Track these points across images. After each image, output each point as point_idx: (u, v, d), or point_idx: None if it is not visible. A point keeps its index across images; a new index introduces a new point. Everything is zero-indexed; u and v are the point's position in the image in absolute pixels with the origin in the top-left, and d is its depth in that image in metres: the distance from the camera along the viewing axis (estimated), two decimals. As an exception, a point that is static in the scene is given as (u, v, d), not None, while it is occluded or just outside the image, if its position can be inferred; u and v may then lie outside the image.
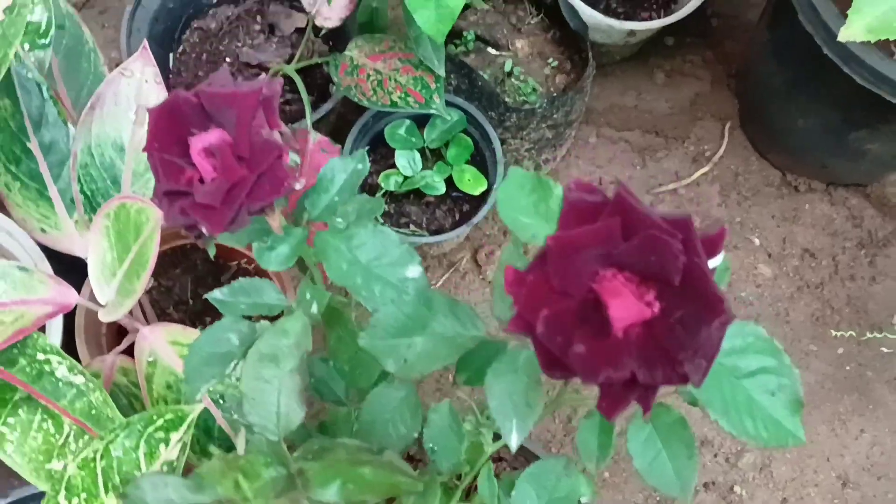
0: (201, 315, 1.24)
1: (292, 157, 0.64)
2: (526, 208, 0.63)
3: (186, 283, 1.26)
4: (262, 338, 0.69)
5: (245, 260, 1.26)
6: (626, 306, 0.44)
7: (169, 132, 0.65)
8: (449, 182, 1.29)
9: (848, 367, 1.45)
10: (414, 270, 0.70)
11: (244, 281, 0.79)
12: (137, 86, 1.02)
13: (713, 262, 0.47)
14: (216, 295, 0.79)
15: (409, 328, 0.67)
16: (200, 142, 0.64)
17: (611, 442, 0.67)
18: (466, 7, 1.13)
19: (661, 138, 1.58)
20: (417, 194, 1.30)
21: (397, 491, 0.55)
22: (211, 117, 0.65)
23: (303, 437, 0.71)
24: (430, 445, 0.75)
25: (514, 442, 0.61)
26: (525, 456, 1.09)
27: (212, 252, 0.73)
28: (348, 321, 0.79)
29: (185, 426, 0.74)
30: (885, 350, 1.44)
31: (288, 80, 1.25)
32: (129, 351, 1.07)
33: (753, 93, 1.55)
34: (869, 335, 1.44)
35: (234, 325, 0.77)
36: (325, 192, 0.74)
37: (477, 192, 1.28)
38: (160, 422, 0.74)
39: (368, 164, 0.74)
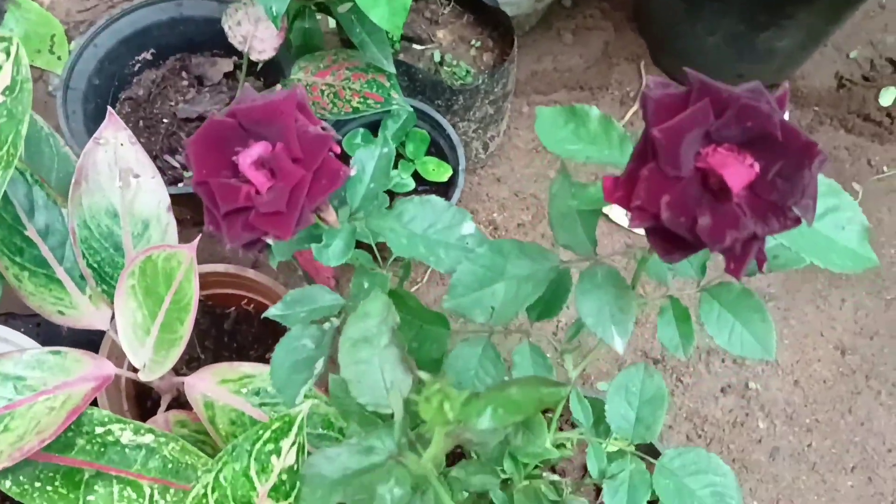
0: (217, 366, 1.25)
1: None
2: (568, 138, 0.68)
3: (193, 339, 1.28)
4: (349, 326, 0.72)
5: (244, 301, 1.28)
6: (738, 172, 0.50)
7: (213, 158, 0.68)
8: (416, 176, 1.34)
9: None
10: (468, 227, 0.75)
11: (296, 292, 0.82)
12: (114, 151, 1.03)
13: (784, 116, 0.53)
14: (273, 312, 0.82)
15: (489, 278, 0.71)
16: (248, 157, 0.67)
17: (691, 330, 0.73)
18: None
19: (586, 91, 1.66)
20: (389, 194, 1.35)
21: (542, 405, 0.59)
22: (249, 133, 0.68)
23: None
24: (523, 384, 0.79)
25: (619, 346, 0.65)
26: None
27: (274, 263, 0.76)
28: (408, 299, 0.83)
29: (295, 428, 0.76)
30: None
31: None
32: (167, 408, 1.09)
33: (657, 27, 1.64)
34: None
35: (304, 332, 0.80)
36: (360, 183, 0.78)
37: (444, 178, 1.33)
38: (267, 434, 0.77)
39: (392, 146, 0.78)
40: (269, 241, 0.68)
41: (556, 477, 0.84)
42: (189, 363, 1.27)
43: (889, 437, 1.45)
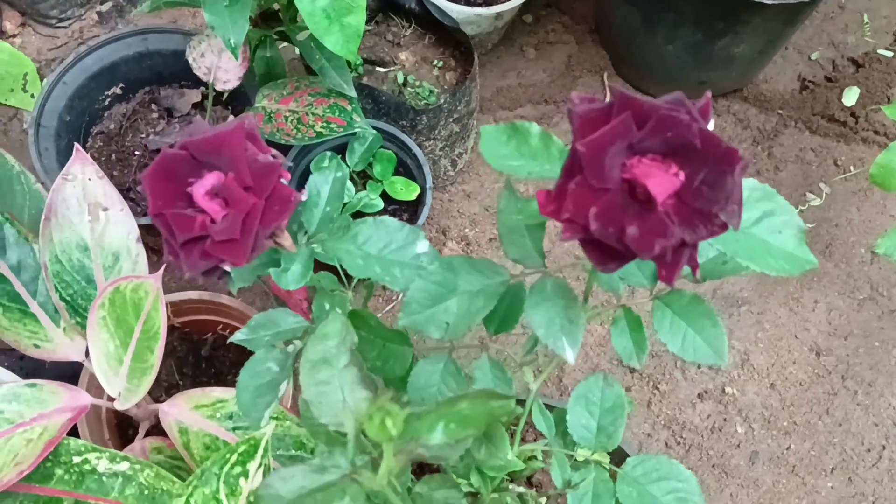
0: (196, 391, 1.26)
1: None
2: (510, 154, 0.69)
3: (171, 366, 1.29)
4: (308, 348, 0.73)
5: (220, 326, 1.30)
6: (662, 182, 0.51)
7: (168, 189, 0.69)
8: (384, 196, 1.36)
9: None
10: (422, 245, 0.76)
11: (260, 316, 0.84)
12: (82, 186, 1.05)
13: (709, 125, 0.55)
14: (239, 336, 0.83)
15: (441, 294, 0.72)
16: (201, 187, 0.68)
17: (644, 337, 0.74)
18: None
19: (551, 105, 1.68)
20: (358, 216, 1.36)
21: (492, 417, 0.60)
22: (202, 164, 0.69)
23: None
24: (482, 398, 0.81)
25: (570, 357, 0.66)
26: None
27: (234, 290, 0.77)
28: (369, 319, 0.85)
29: (260, 450, 0.78)
30: (809, 225, 1.56)
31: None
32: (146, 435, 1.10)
33: (618, 38, 1.67)
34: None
35: (269, 356, 0.82)
36: (315, 207, 0.80)
37: (412, 196, 1.35)
38: (234, 457, 0.78)
39: (346, 169, 0.80)
40: (227, 267, 0.70)
41: (522, 489, 0.85)
42: (168, 390, 1.28)
43: (867, 437, 1.47)
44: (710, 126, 0.55)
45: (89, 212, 1.05)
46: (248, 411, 0.79)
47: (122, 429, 1.25)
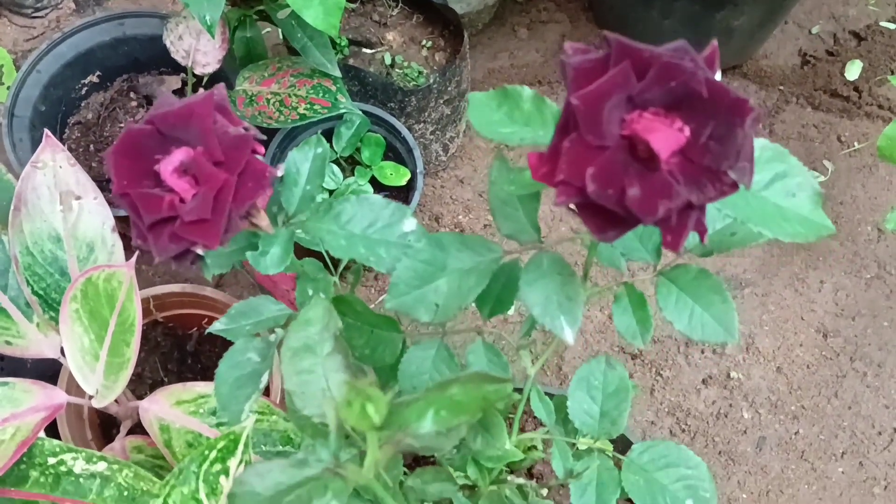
0: (181, 387, 1.22)
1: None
2: (501, 121, 0.65)
3: (155, 363, 1.24)
4: (290, 334, 0.69)
5: (205, 320, 1.25)
6: (665, 137, 0.47)
7: (133, 167, 0.64)
8: (373, 182, 1.31)
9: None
10: (409, 224, 0.71)
11: (240, 304, 0.79)
12: (53, 174, 1.00)
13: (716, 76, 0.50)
14: (217, 326, 0.78)
15: (430, 274, 0.68)
16: (169, 164, 0.63)
17: (649, 315, 0.69)
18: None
19: (545, 86, 1.63)
20: (347, 203, 1.31)
21: (487, 403, 0.55)
22: (169, 139, 0.65)
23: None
24: (478, 384, 0.76)
25: (569, 336, 0.61)
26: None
27: (209, 276, 0.73)
28: (356, 304, 0.80)
29: (241, 445, 0.73)
30: (813, 204, 1.51)
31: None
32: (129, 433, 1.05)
33: (612, 15, 1.62)
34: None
35: (249, 345, 0.77)
36: (295, 186, 0.75)
37: (403, 182, 1.30)
38: (213, 454, 0.73)
39: (327, 145, 0.75)
40: (200, 251, 0.65)
41: (521, 480, 0.80)
42: (153, 387, 1.24)
43: (878, 420, 1.42)
44: (717, 77, 0.50)
45: (61, 201, 1.00)
46: (227, 404, 0.74)
47: (106, 428, 1.20)
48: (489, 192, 0.68)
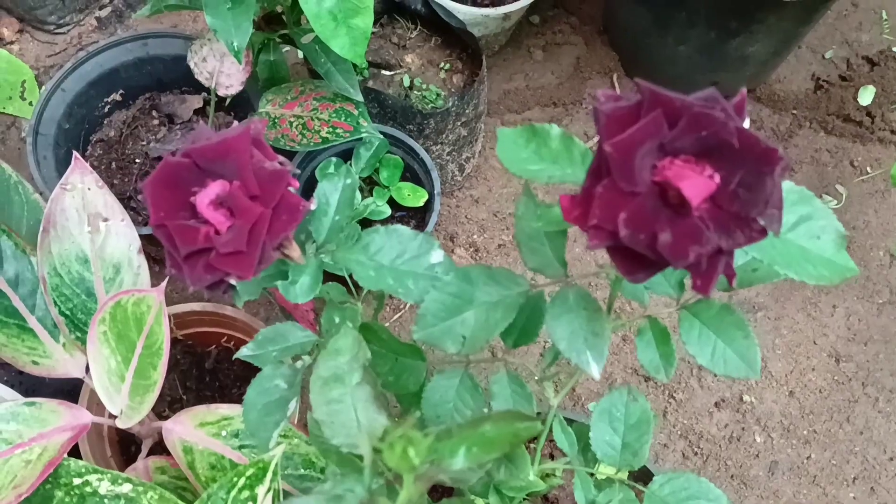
0: (201, 405, 1.23)
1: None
2: (530, 158, 0.66)
3: (174, 380, 1.25)
4: (319, 364, 0.70)
5: (224, 338, 1.26)
6: (696, 184, 0.48)
7: (170, 199, 0.66)
8: (391, 203, 1.32)
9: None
10: (437, 255, 0.73)
11: (267, 330, 0.80)
12: (82, 196, 1.01)
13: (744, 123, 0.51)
14: (245, 352, 0.79)
15: (457, 306, 0.69)
16: (206, 197, 0.64)
17: (672, 350, 0.71)
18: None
19: (560, 108, 1.65)
20: (365, 223, 1.33)
21: (518, 440, 0.57)
22: (206, 172, 0.66)
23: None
24: (501, 415, 0.77)
25: (595, 371, 0.63)
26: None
27: (240, 304, 0.74)
28: (381, 332, 0.81)
29: (269, 473, 0.74)
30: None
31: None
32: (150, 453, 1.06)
33: (627, 39, 1.63)
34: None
35: (277, 372, 0.78)
36: (325, 216, 0.76)
37: (420, 203, 1.31)
38: (242, 481, 0.74)
39: (357, 177, 0.77)
40: (233, 281, 0.66)
41: (541, 507, 0.82)
42: (171, 405, 1.25)
43: (890, 446, 1.43)
44: (746, 124, 0.52)
45: (89, 223, 1.02)
46: (256, 431, 0.75)
47: (125, 446, 1.21)
48: (515, 227, 0.69)
